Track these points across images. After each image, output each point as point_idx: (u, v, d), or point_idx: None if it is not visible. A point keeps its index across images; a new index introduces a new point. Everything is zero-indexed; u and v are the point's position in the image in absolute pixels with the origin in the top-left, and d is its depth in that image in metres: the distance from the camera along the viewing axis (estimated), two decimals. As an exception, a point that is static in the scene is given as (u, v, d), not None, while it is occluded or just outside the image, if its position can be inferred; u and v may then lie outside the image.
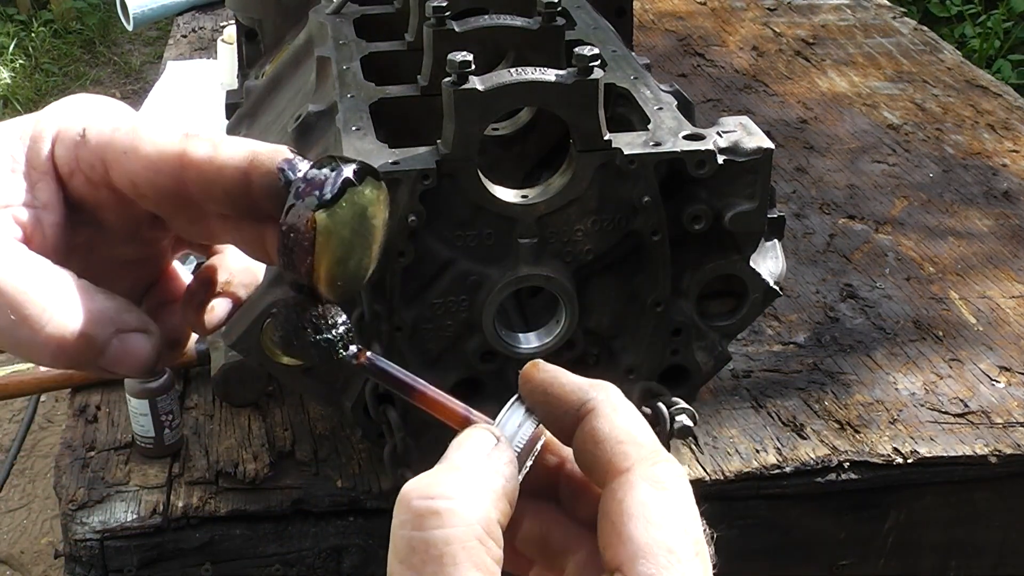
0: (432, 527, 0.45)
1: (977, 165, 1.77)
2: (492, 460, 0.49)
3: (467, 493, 0.46)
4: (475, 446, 0.49)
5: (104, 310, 0.54)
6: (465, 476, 0.47)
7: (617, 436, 0.50)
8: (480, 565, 0.44)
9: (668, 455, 0.51)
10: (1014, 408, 1.25)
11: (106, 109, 0.57)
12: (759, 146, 1.01)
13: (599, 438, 0.50)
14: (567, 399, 0.51)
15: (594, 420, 0.50)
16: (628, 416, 0.51)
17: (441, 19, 1.07)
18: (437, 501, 0.45)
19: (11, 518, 2.53)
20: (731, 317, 1.09)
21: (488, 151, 1.13)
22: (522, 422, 0.51)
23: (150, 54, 5.16)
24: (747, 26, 2.32)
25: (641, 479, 0.48)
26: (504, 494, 0.48)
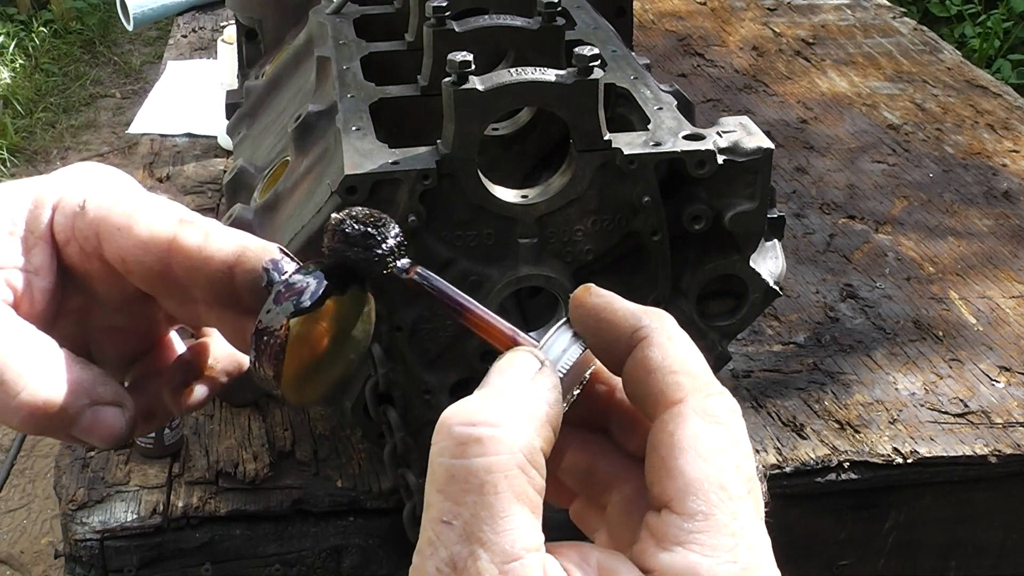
0: (473, 455, 0.43)
1: (977, 165, 1.78)
2: (536, 385, 0.47)
3: (510, 419, 0.44)
4: (518, 370, 0.47)
5: (80, 381, 0.54)
6: (508, 402, 0.45)
7: (670, 366, 0.48)
8: (522, 495, 0.43)
9: (723, 388, 0.49)
10: (1014, 408, 1.25)
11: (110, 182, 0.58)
12: (759, 146, 1.01)
13: (651, 367, 0.48)
14: (619, 325, 0.49)
15: (647, 348, 0.48)
16: (683, 346, 0.49)
17: (441, 19, 1.07)
18: (479, 428, 0.44)
19: (11, 518, 2.53)
20: (731, 317, 1.09)
21: (488, 151, 1.13)
22: (568, 347, 0.49)
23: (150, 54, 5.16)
24: (747, 26, 2.32)
25: (694, 411, 0.47)
26: (548, 420, 0.46)
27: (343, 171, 0.96)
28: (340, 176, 0.96)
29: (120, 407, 0.56)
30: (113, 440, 0.55)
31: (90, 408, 0.54)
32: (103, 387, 0.55)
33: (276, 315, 0.50)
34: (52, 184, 0.57)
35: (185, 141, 1.86)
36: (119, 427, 0.55)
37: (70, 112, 4.72)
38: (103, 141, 4.40)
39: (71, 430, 0.54)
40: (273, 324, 0.50)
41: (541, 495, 0.44)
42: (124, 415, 0.56)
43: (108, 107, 4.77)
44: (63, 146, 4.44)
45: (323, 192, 0.98)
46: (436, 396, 1.06)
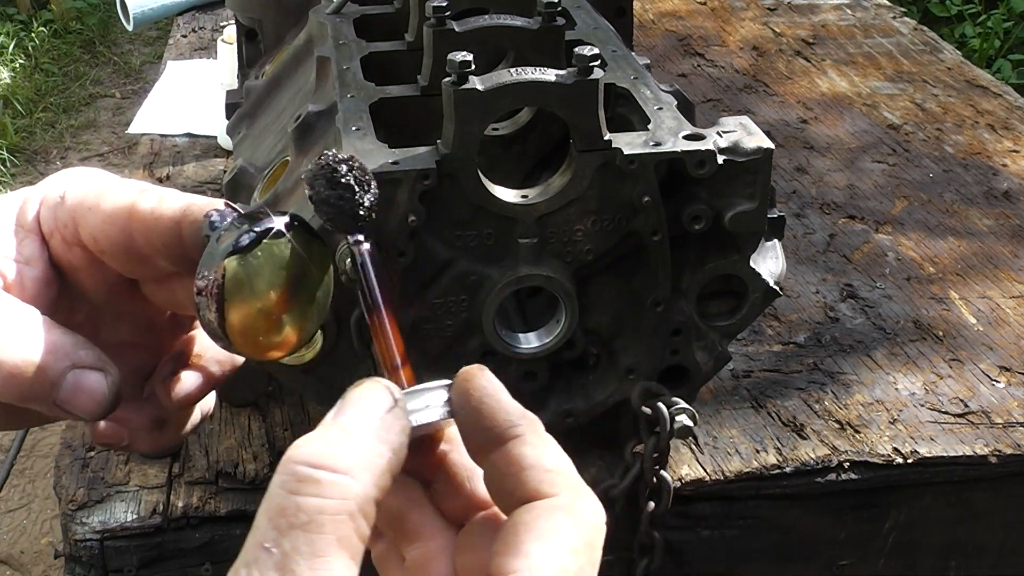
0: (308, 494, 0.44)
1: (977, 165, 1.78)
2: (384, 428, 0.47)
3: (351, 467, 0.45)
4: (369, 406, 0.48)
5: (61, 344, 0.55)
6: (354, 446, 0.46)
7: (545, 465, 0.49)
8: (344, 540, 0.44)
9: (590, 493, 0.50)
10: (1014, 408, 1.25)
11: (89, 176, 0.59)
12: (759, 146, 1.01)
13: (526, 464, 0.49)
14: (498, 416, 0.50)
15: (522, 446, 0.49)
16: (556, 451, 0.50)
17: (441, 19, 1.07)
18: (319, 472, 0.45)
19: (11, 518, 2.53)
20: (731, 317, 1.09)
21: (488, 151, 1.13)
22: (433, 406, 0.50)
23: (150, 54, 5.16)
24: (747, 26, 2.32)
25: (561, 510, 0.48)
26: (388, 469, 0.47)
27: (343, 171, 0.96)
28: (340, 176, 0.96)
29: (102, 372, 0.56)
30: (97, 407, 0.55)
31: (72, 372, 0.55)
32: (84, 351, 0.56)
33: (213, 256, 0.50)
34: (39, 185, 0.59)
35: (185, 141, 1.86)
36: (101, 392, 0.55)
37: (70, 112, 4.72)
38: (103, 141, 4.40)
39: (55, 396, 0.55)
40: (211, 265, 0.49)
41: (365, 543, 0.45)
42: (107, 379, 0.56)
43: (108, 107, 4.77)
44: (63, 146, 4.44)
45: (323, 192, 0.98)
46: (436, 396, 1.06)
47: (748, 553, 1.18)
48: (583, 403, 1.10)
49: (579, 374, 1.10)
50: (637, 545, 1.12)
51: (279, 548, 0.43)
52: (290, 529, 0.43)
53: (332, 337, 1.02)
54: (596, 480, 1.12)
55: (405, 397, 0.49)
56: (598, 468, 1.15)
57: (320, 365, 1.04)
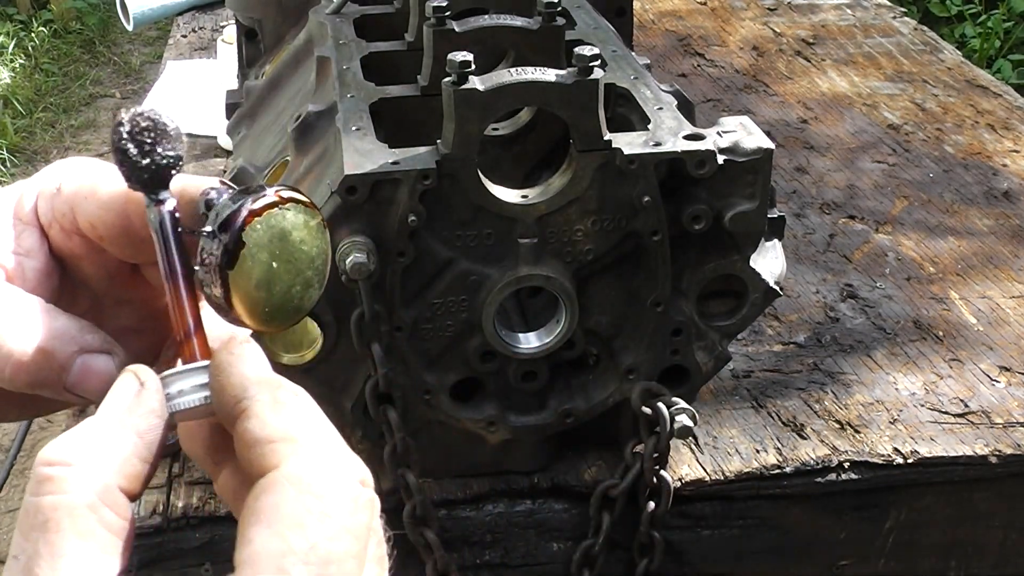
0: (43, 492, 0.44)
1: (977, 165, 1.77)
2: (129, 412, 0.46)
3: (87, 458, 0.44)
4: (116, 395, 0.47)
5: (67, 330, 0.55)
6: (92, 438, 0.45)
7: (269, 435, 0.46)
8: (86, 533, 0.43)
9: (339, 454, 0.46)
10: (1014, 408, 1.25)
11: (83, 165, 0.59)
12: (759, 146, 1.01)
13: (249, 440, 0.46)
14: (227, 392, 0.48)
15: (246, 421, 0.47)
16: (291, 415, 0.47)
17: (441, 19, 1.07)
18: (53, 468, 0.44)
19: (11, 518, 2.53)
20: (731, 317, 1.09)
21: (488, 151, 1.13)
22: (194, 389, 0.48)
23: (150, 54, 5.16)
24: (747, 26, 2.32)
25: (286, 480, 0.45)
26: (135, 454, 0.46)
27: (343, 171, 0.96)
28: (340, 176, 0.96)
29: (110, 354, 0.56)
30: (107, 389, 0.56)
31: (80, 356, 0.55)
32: (90, 335, 0.56)
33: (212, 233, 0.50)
34: (35, 178, 0.59)
35: (185, 141, 1.86)
36: (110, 373, 0.55)
37: (70, 112, 4.72)
38: (103, 141, 4.40)
39: (64, 381, 0.55)
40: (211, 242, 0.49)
41: (120, 534, 0.44)
42: (115, 361, 0.56)
43: (108, 107, 4.77)
44: (63, 146, 4.44)
45: (323, 192, 0.98)
46: (436, 396, 1.06)
47: (748, 553, 1.18)
48: (583, 403, 1.10)
49: (579, 374, 1.10)
50: (637, 545, 1.12)
51: (24, 553, 0.42)
52: (31, 531, 0.43)
53: (332, 337, 1.02)
54: (596, 480, 1.12)
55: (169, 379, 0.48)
56: (598, 468, 1.15)
57: (320, 365, 1.04)
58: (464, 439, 1.10)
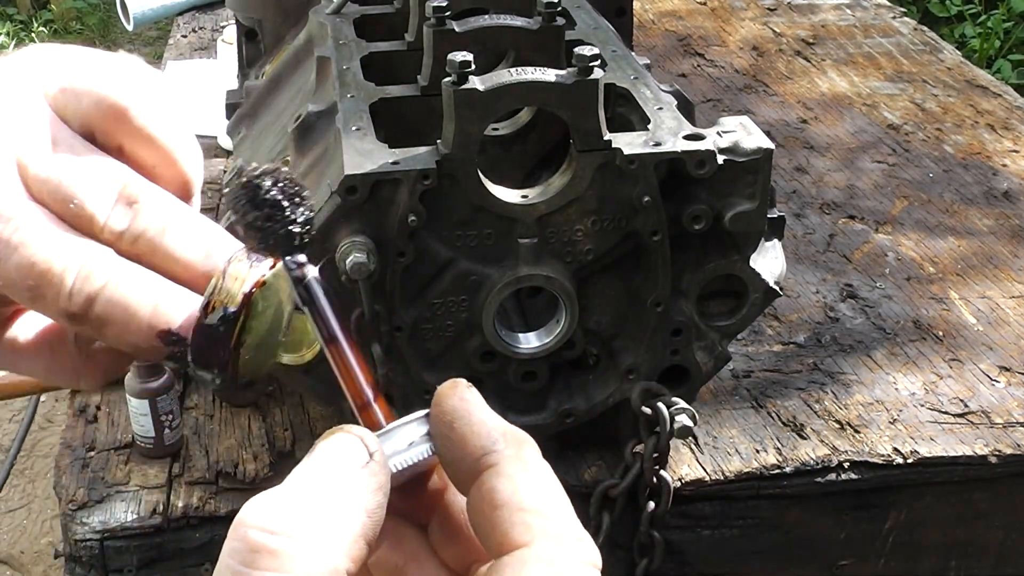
0: (264, 567, 0.38)
1: (977, 165, 1.77)
2: (357, 487, 0.41)
3: (314, 533, 0.39)
4: (341, 461, 0.41)
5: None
6: (317, 509, 0.40)
7: (519, 503, 0.41)
8: None
9: (581, 534, 0.42)
10: (1014, 408, 1.25)
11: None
12: (759, 146, 1.01)
13: (497, 502, 0.42)
14: (471, 442, 0.43)
15: (494, 478, 0.42)
16: (539, 480, 0.43)
17: (441, 19, 1.07)
18: (276, 539, 0.39)
19: (11, 518, 2.53)
20: (731, 317, 1.09)
21: (488, 151, 1.13)
22: (417, 442, 0.43)
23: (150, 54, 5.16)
24: (747, 26, 2.32)
25: (538, 561, 0.40)
26: (363, 535, 0.40)
27: (343, 171, 0.96)
28: (340, 176, 0.96)
29: None
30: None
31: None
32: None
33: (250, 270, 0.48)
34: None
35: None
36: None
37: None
38: (103, 141, 4.40)
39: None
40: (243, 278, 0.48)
41: None
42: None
43: (108, 107, 4.77)
44: (63, 146, 4.43)
45: (323, 192, 0.98)
46: (436, 396, 1.06)
47: (748, 553, 1.18)
48: (583, 403, 1.10)
49: (579, 374, 1.10)
50: (637, 545, 1.12)
51: None
52: None
53: (332, 337, 1.02)
54: (596, 480, 1.12)
55: (382, 440, 0.43)
56: (598, 468, 1.15)
57: (320, 365, 1.03)
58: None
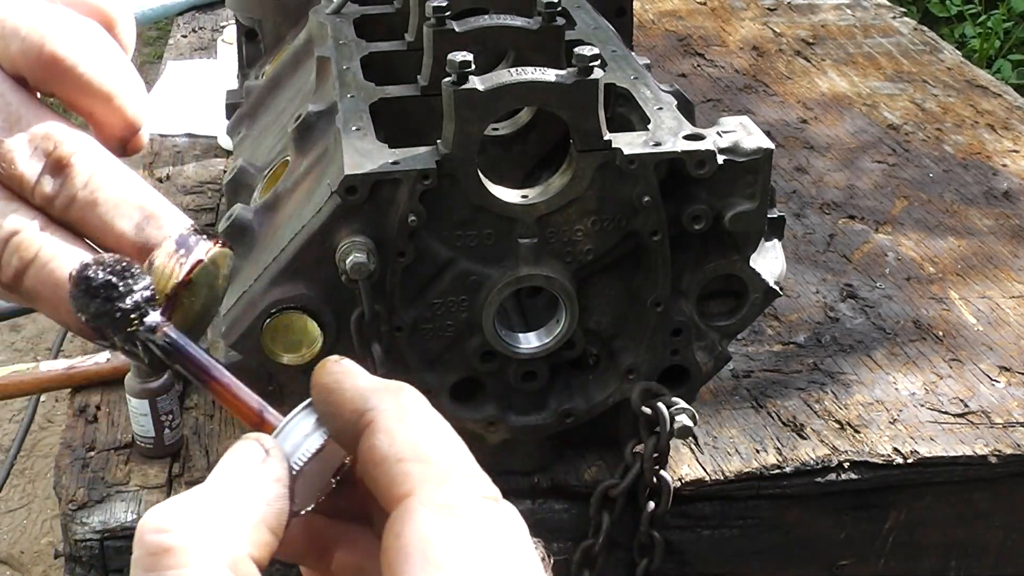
0: (162, 567, 0.38)
1: (977, 165, 1.77)
2: (254, 480, 0.41)
3: (208, 524, 0.39)
4: (238, 462, 0.42)
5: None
6: (212, 503, 0.40)
7: (397, 453, 0.41)
8: None
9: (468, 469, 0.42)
10: (1014, 408, 1.25)
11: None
12: (759, 146, 1.01)
13: (377, 458, 0.41)
14: (346, 408, 0.43)
15: (371, 436, 0.42)
16: (417, 426, 0.42)
17: (441, 19, 1.07)
18: (169, 536, 0.38)
19: (11, 518, 2.53)
20: (731, 317, 1.09)
21: (488, 151, 1.13)
22: (310, 432, 0.44)
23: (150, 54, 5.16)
24: (747, 26, 2.32)
25: (422, 506, 0.40)
26: (263, 521, 0.40)
27: (343, 171, 0.96)
28: (340, 176, 0.96)
29: None
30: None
31: None
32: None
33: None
34: None
35: (185, 141, 1.86)
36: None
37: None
38: (103, 141, 4.40)
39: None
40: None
41: None
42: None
43: (108, 107, 4.78)
44: (63, 146, 4.44)
45: (323, 192, 0.98)
46: (436, 396, 1.06)
47: (748, 553, 1.18)
48: (583, 403, 1.10)
49: (579, 374, 1.10)
50: (637, 545, 1.12)
51: None
52: None
53: (332, 337, 1.02)
54: (596, 480, 1.12)
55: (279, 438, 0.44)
56: (598, 468, 1.15)
57: (320, 365, 1.03)
58: (464, 439, 1.10)
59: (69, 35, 0.47)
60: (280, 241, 1.01)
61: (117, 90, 0.48)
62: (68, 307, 0.46)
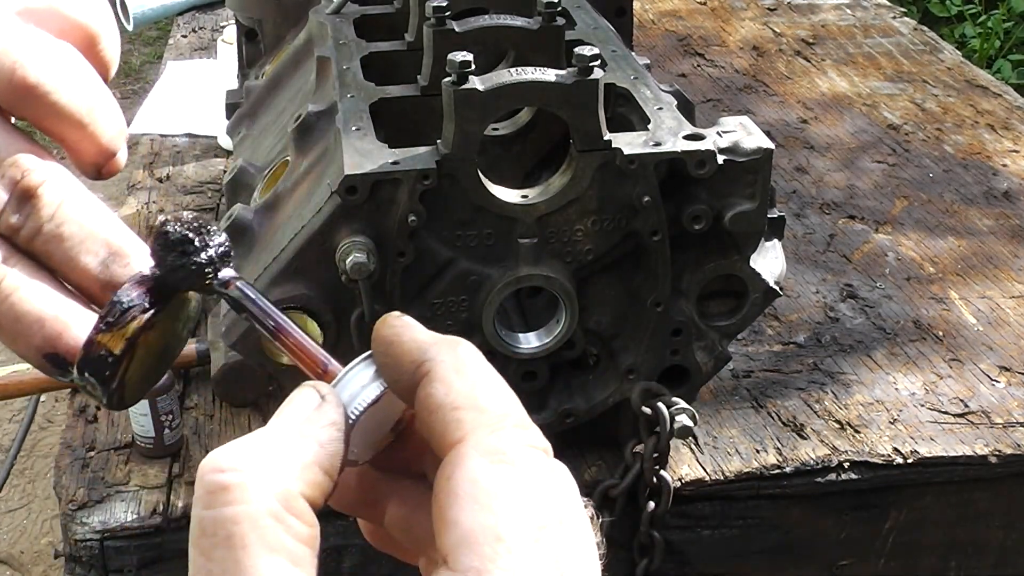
0: (220, 504, 0.39)
1: (977, 165, 1.78)
2: (309, 423, 0.43)
3: (263, 463, 0.40)
4: (296, 407, 0.43)
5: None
6: (267, 444, 0.41)
7: (453, 401, 0.42)
8: (275, 546, 0.39)
9: (520, 420, 0.43)
10: (1014, 408, 1.25)
11: None
12: (759, 146, 1.01)
13: (433, 406, 0.43)
14: (404, 359, 0.44)
15: (429, 385, 0.43)
16: (473, 377, 0.43)
17: (441, 19, 1.07)
18: (227, 475, 0.40)
19: (11, 518, 2.52)
20: (731, 317, 1.09)
21: (488, 151, 1.13)
22: (368, 383, 0.45)
23: (150, 54, 5.16)
24: (747, 26, 2.32)
25: (475, 451, 0.41)
26: (316, 462, 0.42)
27: (343, 171, 0.96)
28: (340, 176, 0.96)
29: None
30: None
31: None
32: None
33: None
34: None
35: (185, 141, 1.86)
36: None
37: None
38: (103, 141, 4.40)
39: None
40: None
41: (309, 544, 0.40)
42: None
43: (108, 107, 4.77)
44: (63, 146, 4.44)
45: (323, 192, 0.98)
46: (436, 396, 1.06)
47: (748, 553, 1.18)
48: (583, 403, 1.10)
49: (579, 374, 1.10)
50: (637, 545, 1.12)
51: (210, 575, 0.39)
52: (213, 549, 0.39)
53: (332, 337, 1.02)
54: (596, 480, 1.12)
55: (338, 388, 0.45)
56: (598, 468, 1.15)
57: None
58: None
59: (42, 60, 0.46)
60: (280, 241, 1.01)
61: (91, 116, 0.48)
62: (26, 342, 0.46)
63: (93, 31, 0.49)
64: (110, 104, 0.49)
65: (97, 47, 0.49)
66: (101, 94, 0.49)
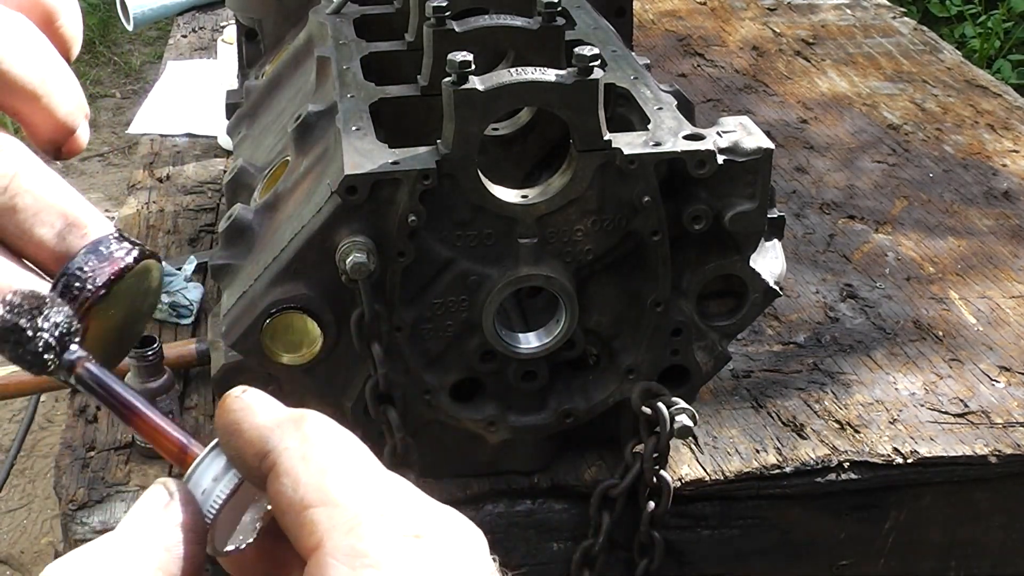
0: None
1: (977, 165, 1.78)
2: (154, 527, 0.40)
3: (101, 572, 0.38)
4: (143, 508, 0.41)
5: None
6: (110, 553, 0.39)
7: (303, 499, 0.39)
8: None
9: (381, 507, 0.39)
10: (1014, 408, 1.25)
11: None
12: (759, 146, 1.01)
13: (284, 505, 0.39)
14: (247, 452, 0.41)
15: (275, 482, 0.40)
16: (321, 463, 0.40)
17: (441, 19, 1.07)
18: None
19: (11, 518, 2.53)
20: (731, 317, 1.09)
21: (488, 151, 1.13)
22: (221, 475, 0.42)
23: (150, 54, 5.16)
24: (747, 26, 2.32)
25: (332, 559, 0.38)
26: (159, 568, 0.39)
27: (343, 171, 0.96)
28: (340, 176, 0.96)
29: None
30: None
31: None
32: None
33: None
34: None
35: (185, 141, 1.86)
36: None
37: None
38: (103, 141, 4.39)
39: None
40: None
41: None
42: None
43: (108, 107, 4.77)
44: (63, 146, 4.43)
45: (323, 192, 0.98)
46: (436, 396, 1.06)
47: (748, 553, 1.18)
48: (583, 403, 1.10)
49: (579, 374, 1.10)
50: (637, 545, 1.12)
51: None
52: None
53: (332, 337, 1.02)
54: (596, 480, 1.12)
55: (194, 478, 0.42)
56: (598, 468, 1.15)
57: (320, 365, 1.04)
58: (464, 439, 1.10)
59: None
60: (280, 241, 1.01)
61: (44, 88, 0.46)
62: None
63: (50, 7, 0.48)
64: (67, 78, 0.47)
65: (55, 23, 0.48)
66: (56, 67, 0.47)
